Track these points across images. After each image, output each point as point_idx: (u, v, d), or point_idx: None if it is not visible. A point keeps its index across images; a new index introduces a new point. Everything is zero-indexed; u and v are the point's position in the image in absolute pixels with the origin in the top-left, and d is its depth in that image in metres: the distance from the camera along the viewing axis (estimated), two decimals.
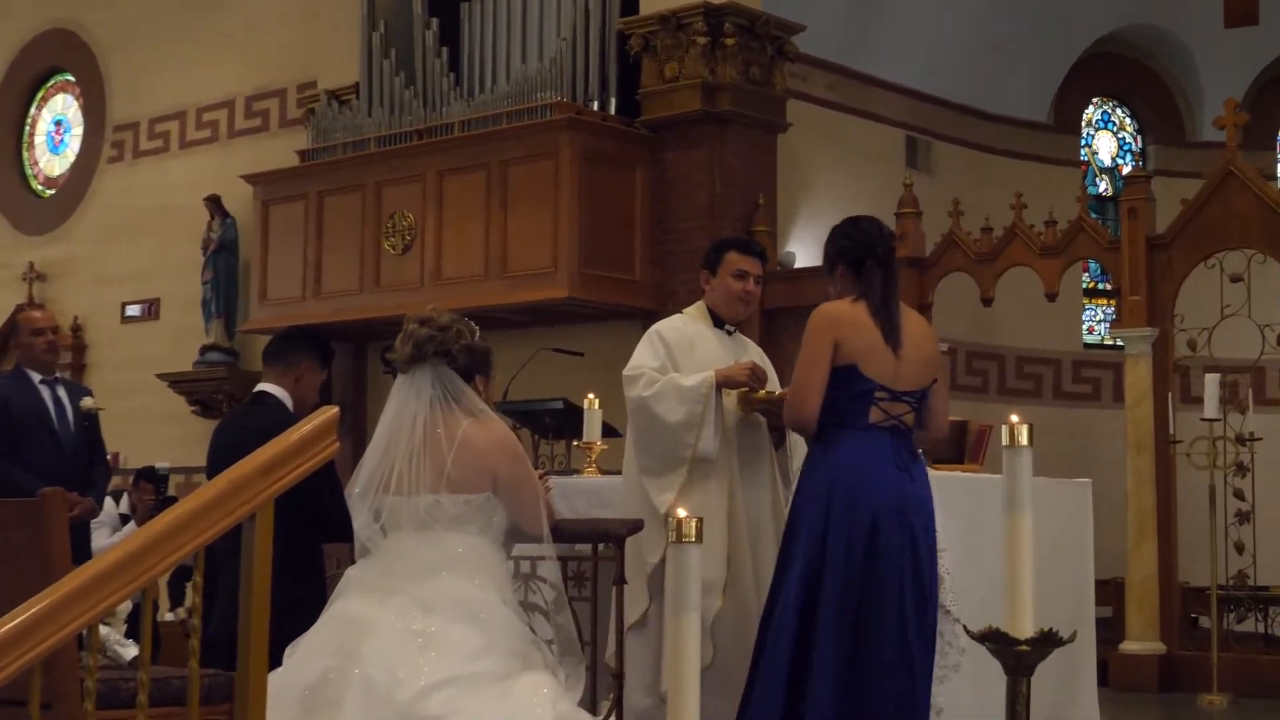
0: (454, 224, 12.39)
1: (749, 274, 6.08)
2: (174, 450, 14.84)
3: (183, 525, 3.77)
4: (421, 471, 4.62)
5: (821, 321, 5.30)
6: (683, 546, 3.37)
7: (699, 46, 11.96)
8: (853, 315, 5.29)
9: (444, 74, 12.95)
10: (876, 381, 5.20)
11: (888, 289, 5.32)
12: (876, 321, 5.26)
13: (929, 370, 5.36)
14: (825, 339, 5.26)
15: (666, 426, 5.73)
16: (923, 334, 5.41)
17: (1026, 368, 14.57)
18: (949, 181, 13.87)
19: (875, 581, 5.09)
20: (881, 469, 5.18)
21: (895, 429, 5.24)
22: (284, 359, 5.87)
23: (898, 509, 5.15)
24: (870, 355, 5.22)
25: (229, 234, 14.70)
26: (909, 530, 5.16)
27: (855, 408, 5.21)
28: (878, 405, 5.21)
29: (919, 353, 5.32)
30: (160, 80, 16.02)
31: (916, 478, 5.28)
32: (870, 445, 5.20)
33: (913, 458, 5.30)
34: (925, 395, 5.34)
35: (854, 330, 5.25)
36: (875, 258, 5.36)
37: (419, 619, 4.40)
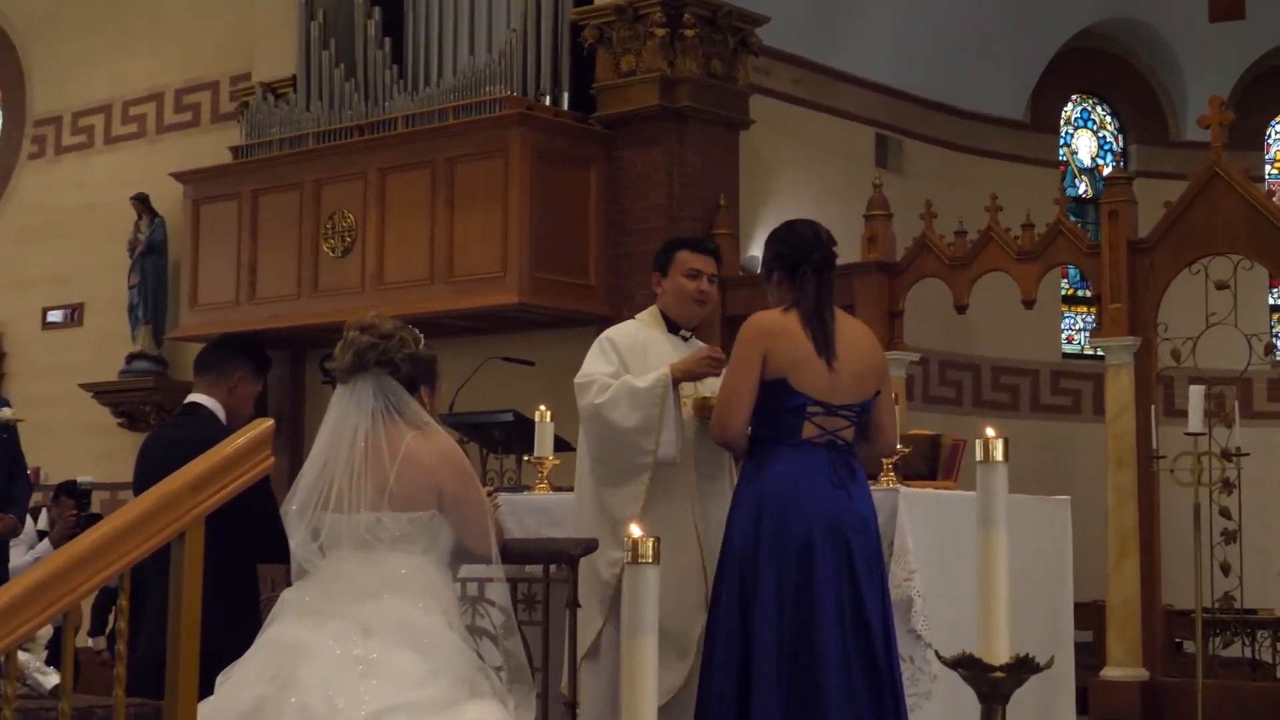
0: (397, 225, 12.36)
1: (702, 273, 6.07)
2: (98, 465, 14.74)
3: (107, 544, 3.75)
4: (362, 488, 4.61)
5: (751, 332, 5.33)
6: (639, 567, 3.37)
7: (657, 38, 11.97)
8: (784, 325, 5.32)
9: (387, 66, 12.92)
10: (809, 395, 5.23)
11: (821, 297, 5.34)
12: (808, 332, 5.28)
13: (869, 382, 5.37)
14: (754, 350, 5.30)
15: (623, 433, 5.71)
16: (863, 344, 5.41)
17: (1002, 379, 14.63)
18: (921, 182, 13.91)
19: (810, 605, 5.11)
20: (815, 486, 5.19)
21: (832, 445, 5.26)
22: (216, 368, 5.84)
23: (833, 528, 5.15)
24: (801, 368, 5.24)
25: (157, 235, 14.63)
26: (846, 551, 5.16)
27: (787, 423, 5.24)
28: (811, 420, 5.23)
29: (858, 364, 5.33)
30: (84, 72, 15.94)
31: (855, 495, 5.27)
32: (803, 461, 5.22)
33: (851, 474, 5.29)
34: (867, 409, 5.34)
35: (784, 341, 5.28)
36: (810, 264, 5.39)
37: (359, 644, 4.39)
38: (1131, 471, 10.48)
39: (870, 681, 5.12)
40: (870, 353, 5.41)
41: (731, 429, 5.29)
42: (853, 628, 5.11)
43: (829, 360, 5.24)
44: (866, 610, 5.15)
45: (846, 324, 5.39)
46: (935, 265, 11.51)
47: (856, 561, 5.17)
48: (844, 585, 5.13)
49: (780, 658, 5.06)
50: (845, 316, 5.43)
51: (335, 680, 4.30)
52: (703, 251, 6.14)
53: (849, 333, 5.36)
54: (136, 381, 14.62)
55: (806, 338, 5.26)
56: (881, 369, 5.49)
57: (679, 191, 12.08)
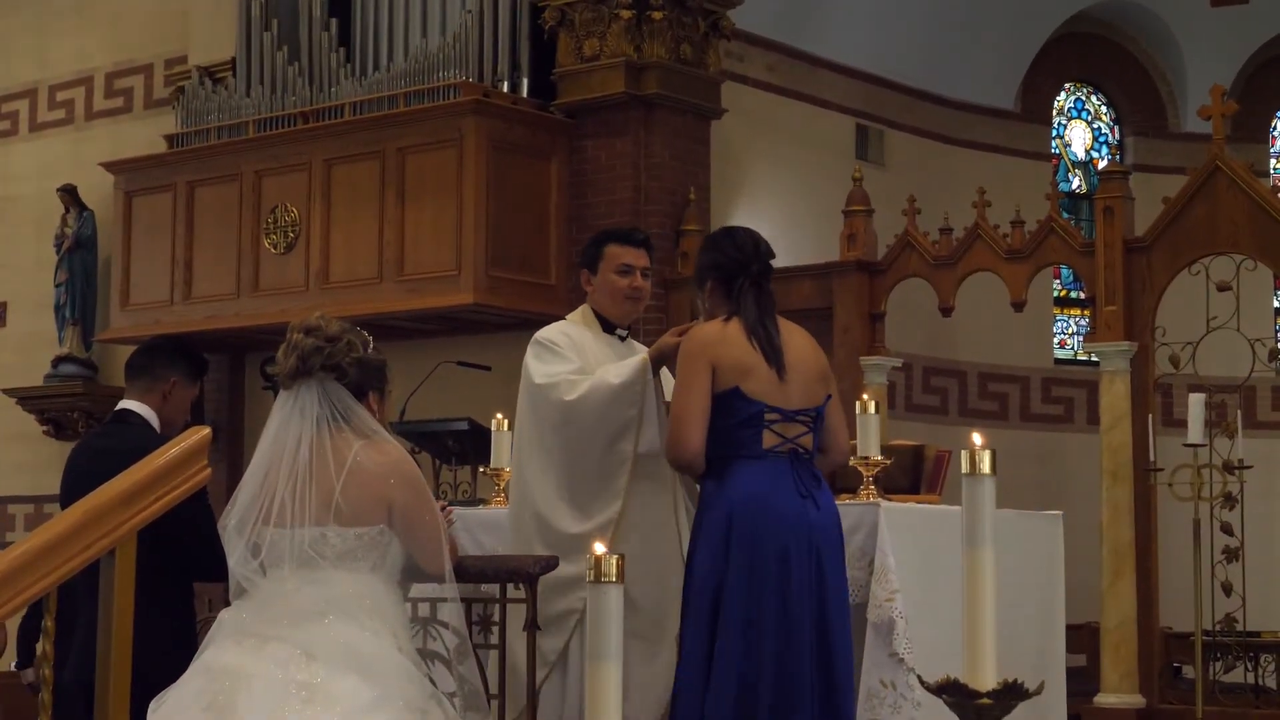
0: (344, 220, 12.34)
1: (634, 267, 6.08)
2: (22, 476, 14.71)
3: (32, 561, 3.75)
4: (306, 501, 4.61)
5: (693, 346, 5.39)
6: (601, 587, 3.38)
7: (622, 21, 11.98)
8: (726, 335, 5.40)
9: (333, 49, 12.91)
10: (764, 402, 5.31)
11: (763, 309, 5.46)
12: (754, 343, 5.37)
13: (820, 386, 5.50)
14: (700, 363, 5.35)
15: (603, 434, 5.70)
16: (808, 350, 5.54)
17: (990, 386, 14.68)
18: (904, 175, 13.94)
19: (788, 626, 5.17)
20: (785, 497, 5.27)
21: (794, 453, 5.36)
22: (149, 373, 5.83)
23: (806, 540, 5.24)
24: (753, 374, 5.33)
25: (86, 229, 14.58)
26: (817, 564, 5.25)
27: (746, 434, 5.30)
28: (770, 429, 5.31)
29: (806, 369, 5.47)
30: (6, 53, 15.87)
31: (823, 505, 5.37)
32: (768, 473, 5.29)
33: (816, 482, 5.39)
34: (821, 414, 5.46)
35: (731, 349, 5.35)
36: (748, 276, 5.50)
37: (301, 668, 4.39)
38: (1127, 485, 10.51)
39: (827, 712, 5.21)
40: (816, 357, 5.55)
41: (689, 449, 5.32)
42: (815, 646, 5.19)
43: (779, 372, 5.36)
44: (832, 631, 5.25)
45: (789, 332, 5.52)
46: (919, 264, 11.53)
47: (826, 577, 5.27)
48: (813, 603, 5.21)
49: (743, 682, 5.10)
50: (786, 324, 5.55)
51: (275, 708, 4.30)
52: (633, 244, 6.15)
53: (793, 341, 5.50)
54: (63, 387, 14.55)
55: (753, 347, 5.37)
56: (827, 373, 5.63)
57: (646, 185, 12.09)
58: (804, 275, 11.79)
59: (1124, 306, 10.66)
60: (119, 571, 3.90)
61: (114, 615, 3.90)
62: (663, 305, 12.04)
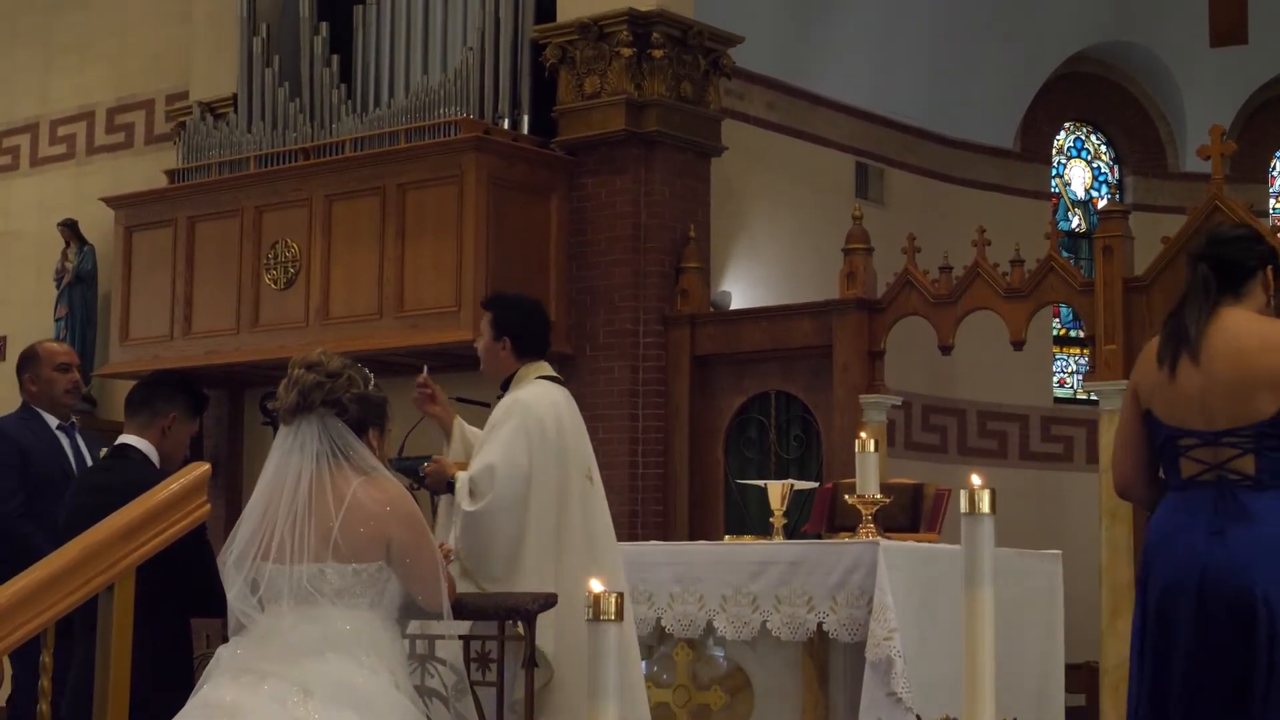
0: (344, 256, 12.35)
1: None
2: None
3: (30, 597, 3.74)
4: (305, 537, 4.60)
5: None
6: (600, 625, 3.38)
7: (623, 59, 12.01)
8: (1148, 350, 5.06)
9: (334, 85, 12.94)
10: (1172, 425, 4.93)
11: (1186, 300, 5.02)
12: (1165, 351, 4.97)
13: (1268, 397, 4.85)
14: (1129, 387, 5.13)
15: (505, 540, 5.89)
16: (1249, 354, 4.91)
17: (989, 424, 14.68)
18: (903, 214, 13.97)
19: (1166, 680, 4.91)
20: (1187, 536, 4.87)
21: (1221, 482, 4.87)
22: (148, 408, 5.82)
23: (1195, 586, 4.83)
24: (1157, 393, 4.96)
25: (86, 264, 14.59)
26: (1205, 617, 4.83)
27: (1166, 463, 5.00)
28: (1187, 456, 4.92)
29: (1240, 377, 4.88)
30: (8, 89, 15.91)
31: (1234, 543, 4.81)
32: (1183, 507, 4.93)
33: (1242, 516, 4.81)
34: (1265, 431, 4.84)
35: (1143, 366, 5.06)
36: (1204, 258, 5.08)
37: (299, 705, 4.38)
38: (1127, 525, 10.50)
39: None
40: (1262, 361, 4.87)
41: (1117, 482, 5.15)
42: None
43: (1172, 368, 4.90)
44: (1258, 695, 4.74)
45: (1232, 332, 4.92)
46: (918, 303, 11.54)
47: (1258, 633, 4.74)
48: (1208, 660, 4.81)
49: None
50: (1238, 319, 4.95)
51: None
52: None
53: (1230, 342, 4.91)
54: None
55: (1162, 358, 4.95)
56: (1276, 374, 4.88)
57: (646, 222, 12.10)
58: (803, 313, 11.80)
59: (1123, 345, 10.66)
60: (117, 607, 3.90)
61: (112, 651, 3.90)
62: (663, 343, 12.04)
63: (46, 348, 7.58)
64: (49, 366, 7.36)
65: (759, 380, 11.99)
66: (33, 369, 7.35)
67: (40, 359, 7.39)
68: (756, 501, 10.14)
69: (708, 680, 6.48)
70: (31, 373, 7.34)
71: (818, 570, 6.14)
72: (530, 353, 6.39)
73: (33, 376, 7.33)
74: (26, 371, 7.30)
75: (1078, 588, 7.86)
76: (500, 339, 6.35)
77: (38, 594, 3.76)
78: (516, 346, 6.36)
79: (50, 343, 7.99)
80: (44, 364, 7.38)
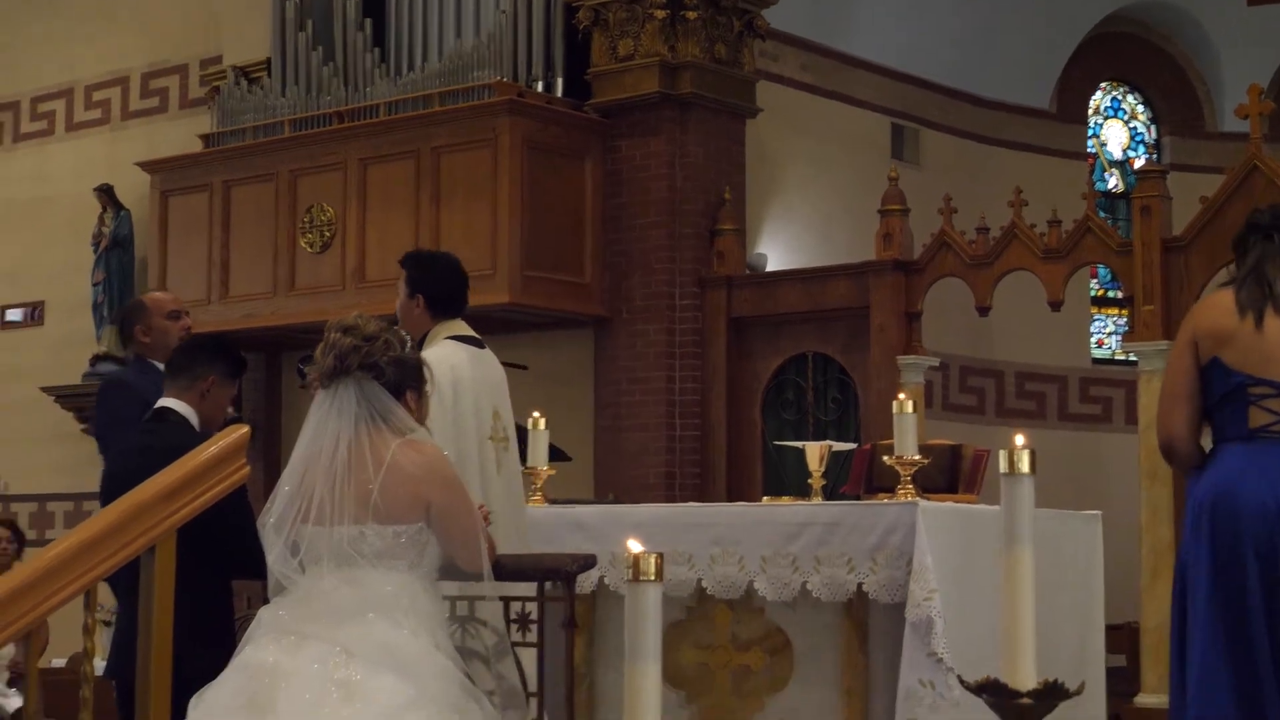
0: (379, 219, 12.37)
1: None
2: (61, 474, 14.76)
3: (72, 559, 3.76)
4: (344, 499, 4.60)
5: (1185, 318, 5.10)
6: (640, 585, 3.38)
7: (657, 21, 11.98)
8: (1213, 299, 5.07)
9: (367, 49, 12.93)
10: (1246, 373, 4.93)
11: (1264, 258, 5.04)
12: (1241, 301, 4.97)
13: None
14: (1182, 336, 5.06)
15: None
16: None
17: (1028, 385, 14.64)
18: (939, 175, 13.93)
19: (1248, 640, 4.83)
20: (1255, 487, 4.84)
21: None
22: (187, 371, 5.84)
23: (1269, 539, 4.80)
24: (1231, 341, 4.95)
25: (123, 229, 14.64)
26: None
27: (1230, 412, 4.96)
28: (1258, 405, 4.93)
29: None
30: (44, 53, 15.93)
31: None
32: (1248, 459, 4.89)
33: None
34: None
35: (1210, 314, 5.03)
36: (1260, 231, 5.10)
37: (340, 667, 4.39)
38: (1166, 485, 10.47)
39: None
40: None
41: (1163, 433, 5.02)
42: None
43: (1259, 318, 4.90)
44: None
45: None
46: (955, 264, 11.51)
47: None
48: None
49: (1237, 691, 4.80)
50: None
51: (314, 706, 4.30)
52: None
53: None
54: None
55: (1238, 307, 4.94)
56: None
57: (681, 184, 12.09)
58: (840, 275, 11.79)
59: (1161, 306, 10.63)
60: (159, 568, 3.92)
61: (154, 612, 3.91)
62: (699, 306, 12.04)
63: (154, 297, 7.25)
64: (159, 315, 6.99)
65: (795, 342, 11.98)
66: (143, 320, 6.98)
67: (150, 309, 7.03)
68: (794, 463, 10.14)
69: (747, 641, 6.49)
70: (143, 324, 6.96)
71: (856, 531, 6.13)
72: (445, 311, 6.42)
73: (144, 328, 6.94)
74: (137, 323, 6.92)
75: (1116, 549, 7.83)
76: (414, 296, 6.39)
77: (80, 555, 3.78)
78: (430, 304, 6.38)
79: (158, 292, 7.69)
80: (154, 314, 6.99)
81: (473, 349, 6.36)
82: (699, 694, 6.56)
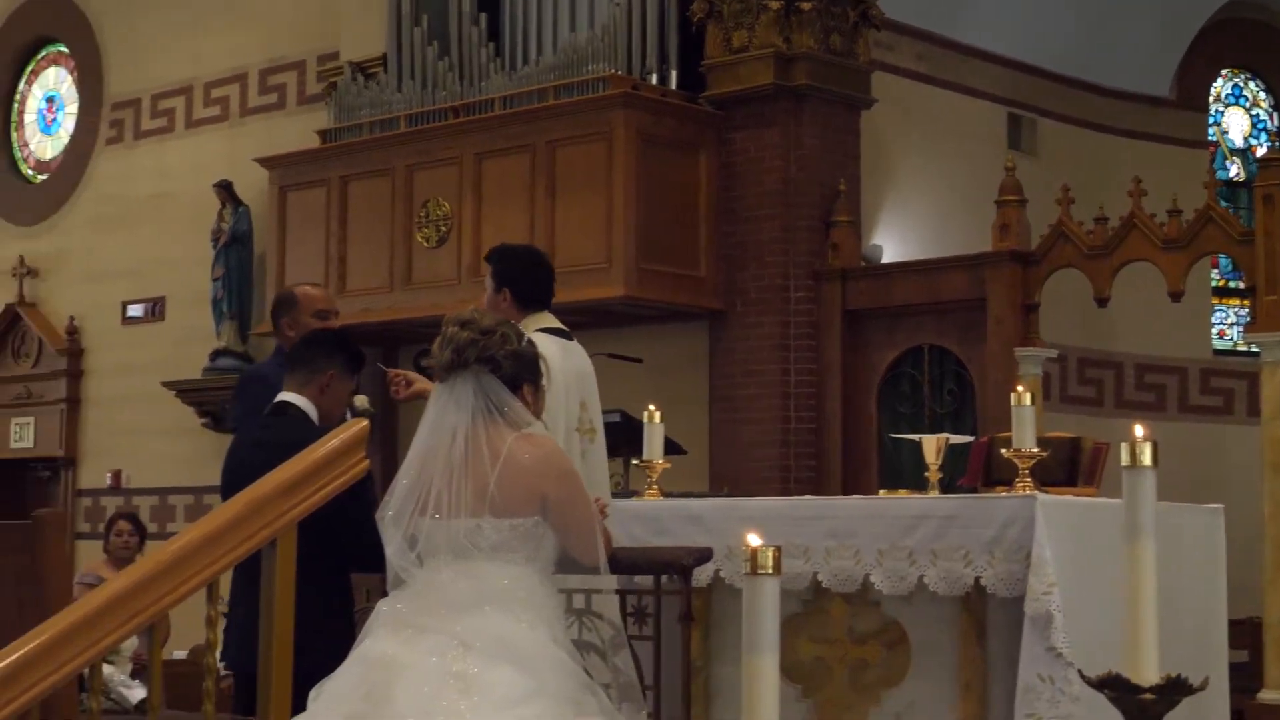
0: (494, 213, 12.43)
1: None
2: (182, 468, 14.95)
3: (194, 552, 3.80)
4: (462, 492, 4.62)
5: None
6: (758, 579, 3.38)
7: (771, 12, 11.96)
8: None
9: (482, 44, 12.99)
10: None
11: None
12: None
13: None
14: None
15: None
16: None
17: (1148, 377, 14.50)
18: (1057, 164, 13.81)
19: None
20: None
21: None
22: (307, 365, 5.89)
23: None
24: None
25: (241, 224, 14.79)
26: None
27: None
28: None
29: None
30: (163, 51, 16.13)
31: None
32: None
33: None
34: None
35: None
36: None
37: (458, 659, 4.41)
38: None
39: None
40: None
41: None
42: None
43: None
44: None
45: None
46: (1073, 254, 11.42)
47: None
48: None
49: None
50: None
51: (432, 698, 4.32)
52: None
53: None
54: (221, 380, 14.75)
55: None
56: None
57: (795, 176, 12.07)
58: (956, 266, 11.72)
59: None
60: (280, 562, 3.96)
61: (275, 605, 3.95)
62: (814, 298, 12.02)
63: (305, 292, 7.11)
64: (307, 313, 6.89)
65: (911, 334, 11.93)
66: (291, 314, 6.89)
67: (299, 304, 6.93)
68: (910, 456, 10.10)
69: (864, 635, 6.46)
70: (290, 317, 6.88)
71: (974, 524, 6.08)
72: (531, 303, 6.44)
73: (290, 321, 6.86)
74: (284, 316, 6.84)
75: (1238, 543, 7.73)
76: (500, 290, 6.40)
77: (202, 549, 3.83)
78: (518, 297, 6.39)
79: (311, 287, 7.45)
80: (302, 309, 6.90)
81: (562, 340, 6.40)
82: (816, 688, 6.54)
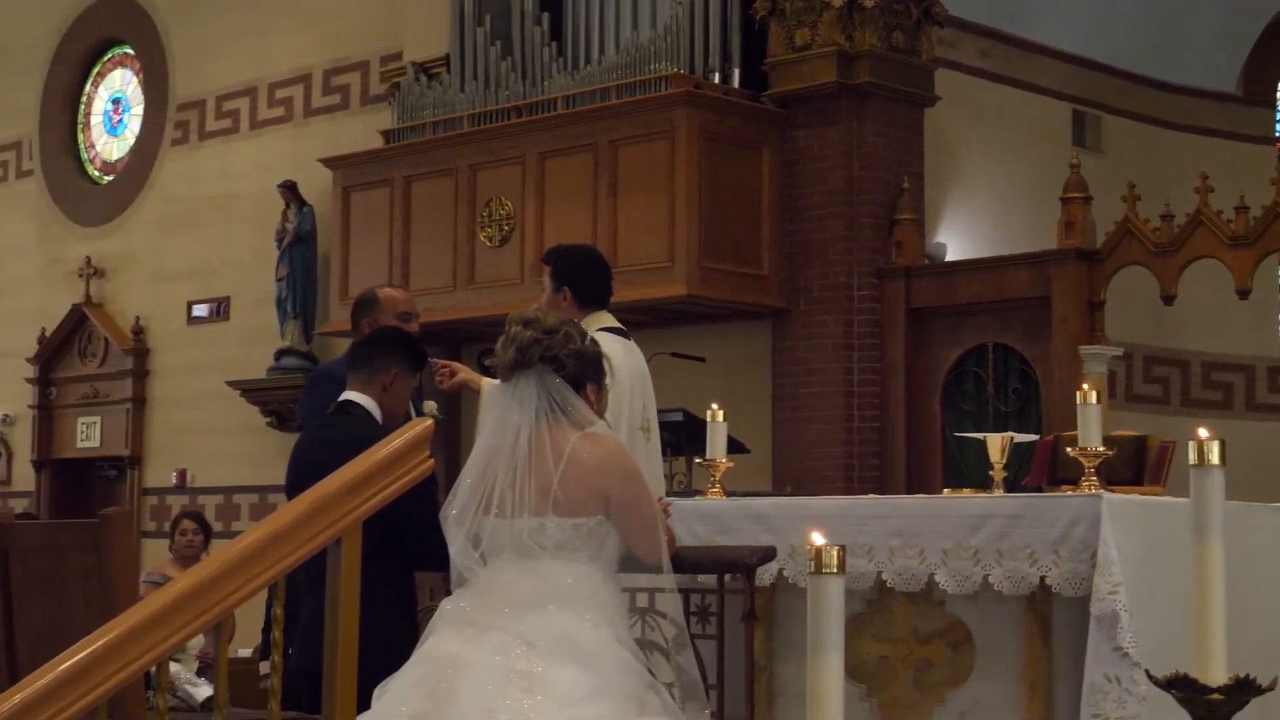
0: (557, 212, 12.45)
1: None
2: (247, 466, 15.03)
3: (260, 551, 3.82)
4: (525, 491, 4.63)
5: None
6: (823, 578, 3.37)
7: (834, 10, 11.93)
8: None
9: (545, 43, 13.01)
10: None
11: None
12: None
13: None
14: None
15: None
16: None
17: (1214, 375, 14.39)
18: (1122, 161, 13.74)
19: None
20: None
21: None
22: (369, 364, 5.91)
23: None
24: None
25: (305, 224, 14.86)
26: None
27: None
28: None
29: None
30: (228, 52, 16.22)
31: None
32: None
33: None
34: None
35: None
36: None
37: (521, 658, 4.42)
38: None
39: None
40: None
41: None
42: None
43: None
44: None
45: None
46: (1139, 252, 11.36)
47: None
48: None
49: None
50: None
51: (496, 697, 4.33)
52: None
53: None
54: (285, 379, 14.84)
55: None
56: None
57: (858, 174, 12.04)
58: (1020, 264, 11.67)
59: None
60: (345, 560, 3.97)
61: (340, 604, 3.97)
62: (877, 296, 11.98)
63: (387, 294, 7.05)
64: (389, 314, 6.83)
65: (975, 332, 11.88)
66: (371, 314, 6.83)
67: (381, 305, 6.88)
68: (974, 454, 10.05)
69: (928, 634, 6.44)
70: (370, 318, 6.81)
71: (1039, 523, 6.05)
72: (591, 302, 6.46)
73: (371, 322, 6.78)
74: (365, 316, 6.79)
75: None
76: (560, 290, 6.42)
77: (267, 548, 3.84)
78: (578, 296, 6.41)
79: (392, 289, 7.38)
80: (384, 311, 6.85)
81: (624, 340, 6.41)
82: (880, 687, 6.52)
